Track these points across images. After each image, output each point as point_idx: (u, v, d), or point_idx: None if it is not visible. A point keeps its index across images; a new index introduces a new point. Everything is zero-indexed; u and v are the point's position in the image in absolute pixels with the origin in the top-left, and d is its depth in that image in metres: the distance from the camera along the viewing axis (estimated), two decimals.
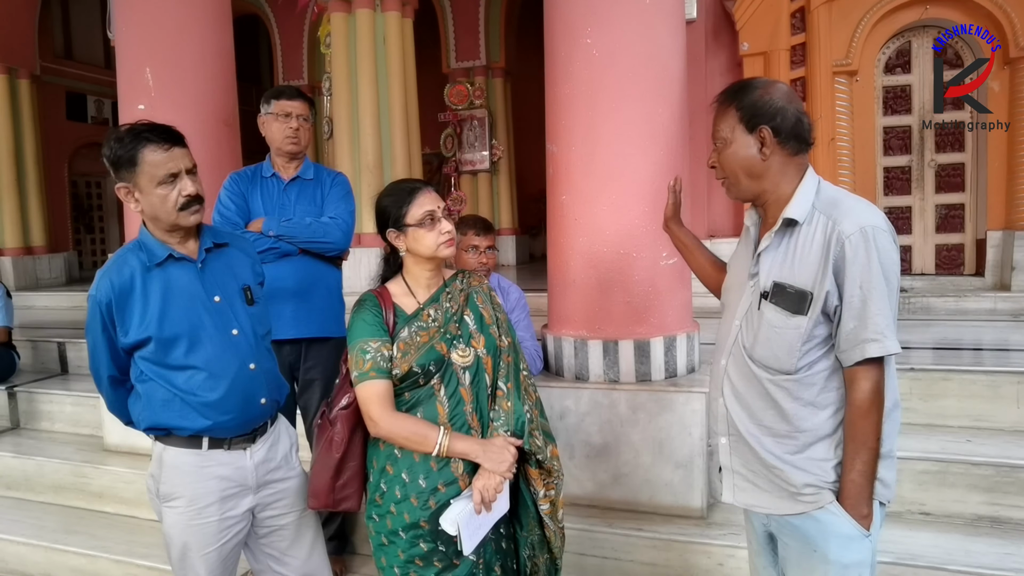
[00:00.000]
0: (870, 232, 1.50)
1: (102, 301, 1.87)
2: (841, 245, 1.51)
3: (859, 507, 1.54)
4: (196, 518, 1.93)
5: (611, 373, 2.95)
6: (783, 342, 1.59)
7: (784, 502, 1.62)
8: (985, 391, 3.08)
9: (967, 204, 5.40)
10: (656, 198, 2.85)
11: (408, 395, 1.84)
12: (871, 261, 1.49)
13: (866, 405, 1.52)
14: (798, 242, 1.59)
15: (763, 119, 1.60)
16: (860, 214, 1.53)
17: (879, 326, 1.49)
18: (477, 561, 1.84)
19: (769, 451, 1.63)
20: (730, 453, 1.72)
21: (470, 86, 8.63)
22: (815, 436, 1.59)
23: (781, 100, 1.60)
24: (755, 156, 1.63)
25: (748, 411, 1.67)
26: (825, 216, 1.56)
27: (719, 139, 1.68)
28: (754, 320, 1.65)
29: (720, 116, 1.68)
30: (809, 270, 1.55)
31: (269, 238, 2.61)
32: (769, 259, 1.64)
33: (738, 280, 1.76)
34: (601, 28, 2.82)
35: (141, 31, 3.55)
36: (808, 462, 1.59)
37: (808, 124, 1.63)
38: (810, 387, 1.59)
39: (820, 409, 1.59)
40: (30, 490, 3.89)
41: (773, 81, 1.67)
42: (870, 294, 1.49)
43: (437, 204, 1.88)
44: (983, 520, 2.69)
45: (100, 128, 9.50)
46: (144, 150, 1.80)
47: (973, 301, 4.80)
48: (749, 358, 1.66)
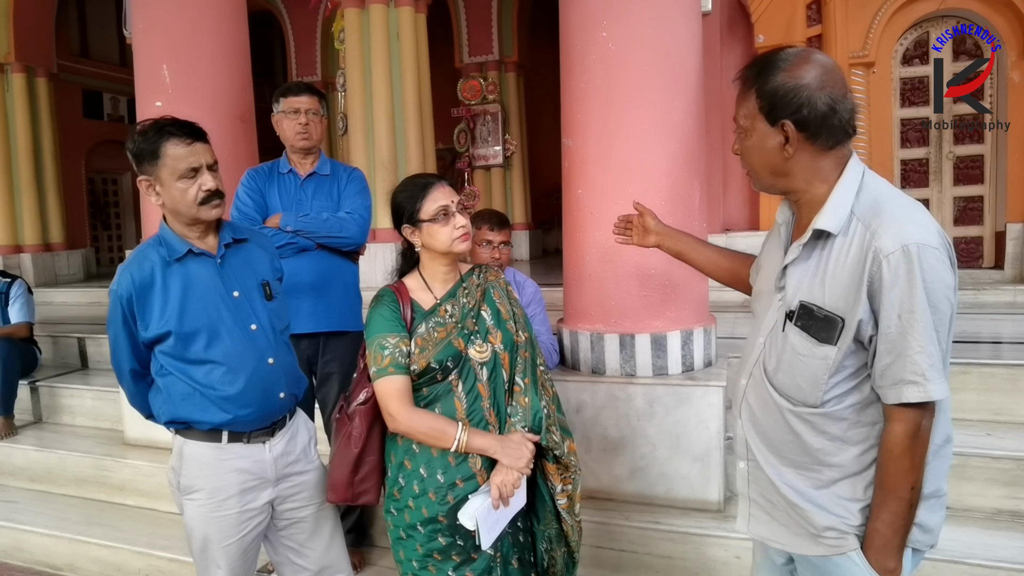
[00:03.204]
0: (915, 251, 1.23)
1: (123, 295, 1.88)
2: (879, 265, 1.25)
3: (884, 560, 1.34)
4: (216, 511, 1.95)
5: (628, 367, 2.95)
6: (808, 372, 1.36)
7: (803, 540, 1.44)
8: (1005, 384, 3.06)
9: (986, 196, 5.35)
10: (673, 192, 2.86)
11: (426, 391, 1.84)
12: (914, 286, 1.23)
13: (898, 451, 1.30)
14: (831, 255, 1.34)
15: (785, 111, 1.33)
16: (905, 227, 1.26)
17: (919, 366, 1.25)
18: (495, 555, 1.84)
19: (790, 485, 1.44)
20: (748, 480, 1.55)
21: (483, 81, 8.62)
22: (842, 472, 1.39)
23: (810, 85, 1.32)
24: (778, 152, 1.37)
25: (767, 440, 1.48)
26: (864, 226, 1.30)
27: (739, 127, 1.44)
28: (778, 342, 1.43)
29: (740, 100, 1.42)
30: (841, 291, 1.31)
31: (287, 233, 2.63)
32: (798, 274, 1.40)
33: (767, 287, 1.52)
34: (617, 21, 2.81)
35: (158, 29, 3.58)
36: (832, 500, 1.39)
37: (848, 111, 1.34)
38: (839, 422, 1.37)
39: (850, 445, 1.37)
40: (53, 483, 3.95)
41: (805, 55, 1.35)
42: (911, 326, 1.24)
43: (451, 199, 1.87)
44: (1003, 514, 2.67)
45: (116, 125, 9.58)
46: (167, 144, 1.82)
47: (992, 294, 4.76)
48: (770, 383, 1.45)
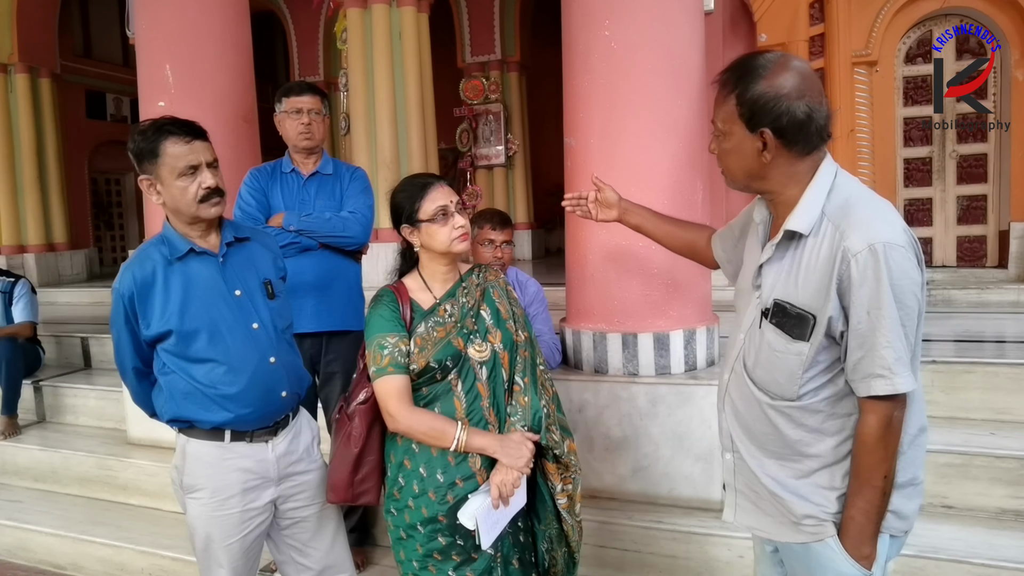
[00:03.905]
0: (880, 250, 1.29)
1: (125, 294, 1.89)
2: (847, 264, 1.32)
3: (859, 547, 1.41)
4: (219, 509, 1.95)
5: (630, 366, 2.94)
6: (784, 367, 1.43)
7: (785, 529, 1.51)
8: (1008, 383, 3.04)
9: (989, 195, 5.34)
10: (675, 190, 2.85)
11: (425, 390, 1.84)
12: (880, 284, 1.30)
13: (872, 441, 1.36)
14: (803, 255, 1.40)
15: (766, 119, 1.37)
16: (872, 227, 1.32)
17: (887, 360, 1.32)
18: (495, 555, 1.84)
19: (771, 476, 1.51)
20: (733, 472, 1.61)
21: (485, 81, 8.62)
22: (821, 463, 1.45)
23: (790, 94, 1.35)
24: (756, 157, 1.42)
25: (749, 433, 1.54)
26: (833, 226, 1.36)
27: (717, 129, 1.49)
28: (756, 338, 1.49)
29: (719, 102, 1.46)
30: (813, 289, 1.37)
31: (290, 233, 2.64)
32: (772, 273, 1.46)
33: (745, 285, 1.58)
34: (620, 20, 2.81)
35: (161, 29, 3.59)
36: (812, 489, 1.46)
37: (824, 117, 1.39)
38: (815, 414, 1.44)
39: (827, 436, 1.44)
40: (57, 482, 3.96)
41: (784, 62, 1.39)
42: (879, 322, 1.31)
43: (450, 199, 1.87)
44: (1007, 513, 2.66)
45: (119, 126, 9.59)
46: (166, 142, 1.83)
47: (996, 293, 4.75)
48: (750, 378, 1.52)
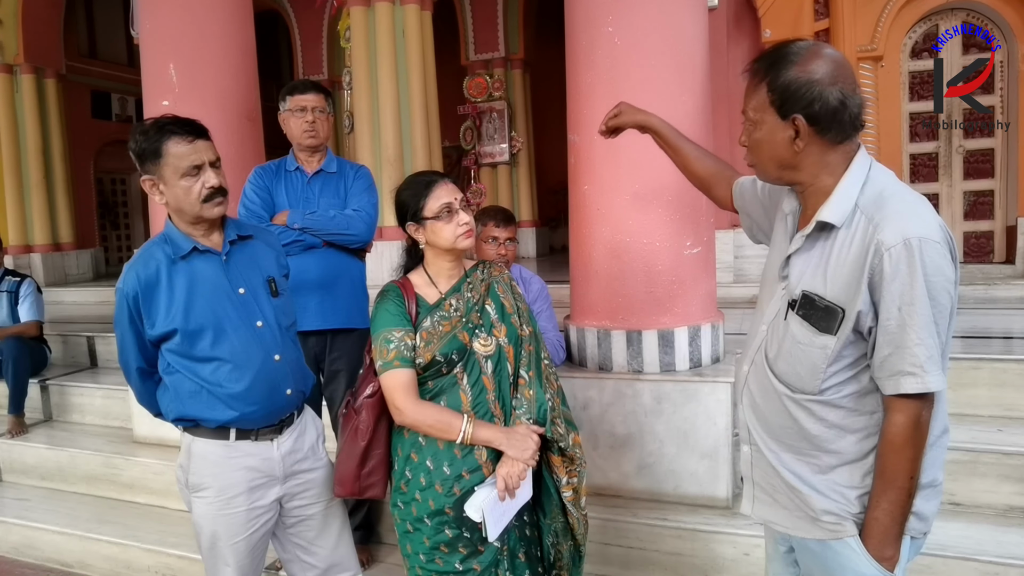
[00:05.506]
0: (916, 244, 1.26)
1: (129, 294, 1.89)
2: (880, 258, 1.28)
3: (882, 548, 1.36)
4: (224, 508, 1.95)
5: (635, 363, 2.94)
6: (807, 360, 1.40)
7: (803, 523, 1.47)
8: (1016, 380, 3.03)
9: (997, 190, 5.30)
10: (679, 188, 2.83)
11: (431, 384, 1.85)
12: (914, 279, 1.26)
13: (899, 441, 1.32)
14: (834, 247, 1.37)
15: (798, 105, 1.35)
16: (907, 221, 1.29)
17: (918, 358, 1.28)
18: (501, 548, 1.85)
19: (789, 469, 1.47)
20: (751, 464, 1.58)
21: (489, 78, 8.60)
22: (840, 459, 1.42)
23: (822, 80, 1.34)
24: (788, 146, 1.39)
25: (767, 426, 1.51)
26: (867, 219, 1.33)
27: (747, 120, 1.45)
28: (779, 329, 1.46)
29: (750, 91, 1.43)
30: (843, 282, 1.34)
31: (294, 231, 2.64)
32: (800, 263, 1.43)
33: (771, 275, 1.55)
34: (623, 16, 2.80)
35: (165, 29, 3.60)
36: (831, 486, 1.42)
37: (858, 105, 1.37)
38: (836, 409, 1.41)
39: (848, 432, 1.41)
40: (63, 481, 3.98)
41: (816, 50, 1.37)
42: (911, 318, 1.27)
43: (454, 196, 1.89)
44: (1015, 510, 2.65)
45: (124, 126, 9.61)
46: (168, 142, 1.82)
47: (1003, 289, 4.71)
48: (771, 370, 1.49)
